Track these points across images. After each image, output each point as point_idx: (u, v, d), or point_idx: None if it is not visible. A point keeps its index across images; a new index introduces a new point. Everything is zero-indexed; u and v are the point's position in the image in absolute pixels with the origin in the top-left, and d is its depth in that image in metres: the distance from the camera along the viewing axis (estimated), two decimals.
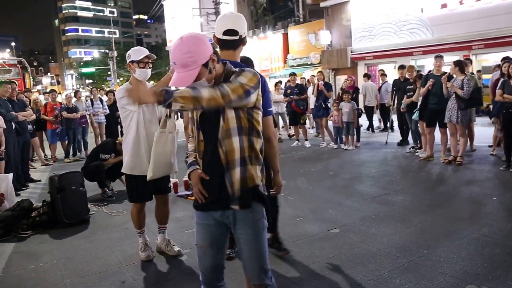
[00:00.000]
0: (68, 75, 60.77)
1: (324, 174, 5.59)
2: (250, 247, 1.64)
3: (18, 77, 14.00)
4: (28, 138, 6.22)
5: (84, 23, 69.91)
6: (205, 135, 1.62)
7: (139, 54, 2.78)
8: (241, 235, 1.64)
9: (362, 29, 15.52)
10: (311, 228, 3.48)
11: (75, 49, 68.78)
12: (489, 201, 3.99)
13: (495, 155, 5.92)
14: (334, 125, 7.64)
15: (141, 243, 3.07)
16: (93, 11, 71.28)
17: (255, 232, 1.64)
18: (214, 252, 1.70)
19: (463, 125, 5.46)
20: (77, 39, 69.66)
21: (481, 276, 2.48)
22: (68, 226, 3.83)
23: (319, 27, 17.64)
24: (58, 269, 2.94)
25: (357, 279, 2.55)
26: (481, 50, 11.83)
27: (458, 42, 12.08)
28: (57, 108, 7.90)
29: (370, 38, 15.29)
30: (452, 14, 12.58)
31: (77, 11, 70.13)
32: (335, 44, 16.87)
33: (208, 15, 24.79)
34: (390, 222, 3.52)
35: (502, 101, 5.14)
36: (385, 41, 14.68)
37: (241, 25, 2.07)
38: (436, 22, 13.07)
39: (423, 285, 2.44)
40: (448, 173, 5.32)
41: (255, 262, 1.66)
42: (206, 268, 1.72)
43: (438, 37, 12.89)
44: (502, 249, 2.86)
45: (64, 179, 3.96)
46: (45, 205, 3.96)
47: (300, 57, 18.89)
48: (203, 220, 1.69)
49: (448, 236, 3.13)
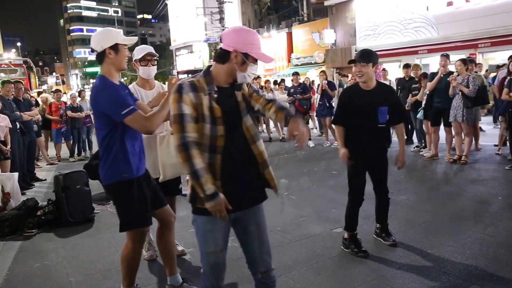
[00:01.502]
0: (73, 74, 61.11)
1: (327, 174, 5.58)
2: (262, 236, 1.75)
3: (23, 77, 14.11)
4: (34, 138, 6.28)
5: (89, 22, 70.12)
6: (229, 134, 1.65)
7: (141, 52, 2.76)
8: (252, 226, 1.73)
9: (366, 28, 15.45)
10: (314, 228, 3.48)
11: (80, 48, 69.08)
12: (494, 201, 3.96)
13: (501, 154, 5.86)
14: None
15: (145, 243, 3.05)
16: (97, 10, 71.66)
17: (263, 221, 1.77)
18: (225, 254, 1.75)
19: (468, 123, 5.41)
20: (81, 38, 69.95)
21: (485, 277, 2.47)
22: (73, 225, 3.87)
23: (323, 26, 17.60)
24: (63, 267, 2.98)
25: (360, 279, 2.54)
26: (488, 48, 11.75)
27: (464, 41, 12.00)
28: (62, 108, 7.97)
29: (375, 36, 15.22)
30: (458, 12, 12.48)
31: (81, 11, 70.62)
32: (339, 43, 16.82)
33: (212, 15, 24.81)
34: (394, 221, 3.49)
35: (508, 100, 5.10)
36: (390, 39, 14.60)
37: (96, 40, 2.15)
38: (441, 21, 12.97)
39: (426, 285, 2.43)
40: (453, 172, 5.28)
41: (265, 249, 1.77)
42: (220, 274, 1.75)
43: (444, 35, 12.79)
44: (506, 250, 2.83)
45: (69, 178, 4.00)
46: (51, 204, 3.99)
47: (304, 56, 18.86)
48: (213, 225, 1.67)
49: (452, 236, 3.11)
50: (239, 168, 1.67)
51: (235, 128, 1.68)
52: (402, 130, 2.99)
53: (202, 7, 26.05)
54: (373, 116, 2.74)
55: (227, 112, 1.64)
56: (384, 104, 2.75)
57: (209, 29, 26.05)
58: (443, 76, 5.60)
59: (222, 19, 24.18)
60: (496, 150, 6.08)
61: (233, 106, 1.68)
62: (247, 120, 1.70)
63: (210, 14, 24.98)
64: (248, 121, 1.70)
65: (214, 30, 25.10)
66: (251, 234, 1.74)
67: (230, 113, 1.66)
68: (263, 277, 1.78)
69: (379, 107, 2.73)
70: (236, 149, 1.67)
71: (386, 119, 2.77)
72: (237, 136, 1.68)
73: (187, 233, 3.54)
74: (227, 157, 1.64)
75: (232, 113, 1.67)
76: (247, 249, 1.78)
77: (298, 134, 1.60)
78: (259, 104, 1.73)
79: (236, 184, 1.66)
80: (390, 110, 2.77)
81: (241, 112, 1.69)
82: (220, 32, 24.20)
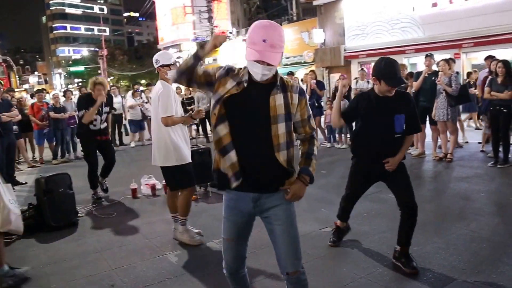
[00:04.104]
0: (56, 74, 59.36)
1: (316, 173, 5.42)
2: (287, 233, 1.73)
3: (3, 76, 13.69)
4: (13, 140, 6.02)
5: (73, 20, 68.31)
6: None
7: (168, 57, 3.22)
8: (278, 221, 1.72)
9: (355, 28, 15.56)
10: (304, 227, 3.46)
11: (64, 47, 67.17)
12: (478, 197, 4.05)
13: (485, 151, 5.99)
14: (327, 124, 7.65)
15: (191, 229, 3.28)
16: (82, 8, 69.43)
17: (291, 216, 1.75)
18: (239, 245, 1.82)
19: (453, 122, 5.51)
20: (65, 37, 68.11)
21: (467, 271, 2.53)
22: (55, 230, 3.75)
23: (312, 26, 17.65)
24: (45, 274, 2.89)
25: (349, 277, 2.55)
26: (471, 48, 11.96)
27: (449, 41, 12.19)
28: (44, 109, 7.73)
29: (363, 36, 15.35)
30: (443, 13, 12.69)
31: (65, 8, 68.32)
32: (328, 42, 16.90)
33: (200, 13, 24.61)
34: (382, 220, 3.53)
35: (489, 98, 5.21)
36: (377, 39, 14.74)
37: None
38: (427, 21, 13.16)
39: (412, 281, 2.46)
40: (439, 170, 5.37)
41: (291, 249, 1.73)
42: (230, 259, 1.84)
43: (430, 35, 12.98)
44: (488, 244, 2.91)
45: (51, 181, 3.88)
46: (31, 208, 3.86)
47: (294, 55, 18.89)
48: (231, 215, 1.78)
49: (437, 232, 3.16)
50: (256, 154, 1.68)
51: (254, 127, 1.66)
52: (410, 141, 2.75)
53: (191, 6, 25.82)
54: (389, 124, 2.56)
55: (244, 109, 1.65)
56: (401, 112, 2.56)
57: (198, 28, 25.85)
58: (427, 75, 5.70)
59: (210, 18, 24.02)
60: (480, 148, 6.21)
61: (259, 106, 1.65)
62: (280, 128, 1.65)
63: (199, 13, 24.78)
64: (280, 129, 1.65)
65: (203, 29, 24.92)
66: (274, 230, 1.74)
67: (250, 112, 1.65)
68: (290, 279, 1.76)
69: (395, 114, 2.55)
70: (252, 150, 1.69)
71: (403, 128, 2.58)
72: (254, 138, 1.66)
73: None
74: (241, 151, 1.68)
75: (252, 112, 1.66)
76: (274, 247, 1.78)
77: (294, 193, 1.70)
78: (299, 132, 1.80)
79: (254, 170, 1.68)
80: (407, 119, 2.57)
81: (271, 117, 1.64)
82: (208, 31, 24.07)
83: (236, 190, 1.71)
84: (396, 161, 2.60)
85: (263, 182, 1.69)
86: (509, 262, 2.61)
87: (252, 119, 1.65)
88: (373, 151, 2.63)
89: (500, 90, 5.00)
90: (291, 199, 1.72)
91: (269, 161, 1.66)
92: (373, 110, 2.59)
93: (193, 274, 2.74)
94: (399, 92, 2.63)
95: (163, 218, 3.94)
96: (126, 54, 46.31)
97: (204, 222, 3.70)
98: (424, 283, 2.43)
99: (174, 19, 28.65)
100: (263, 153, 1.66)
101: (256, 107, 1.65)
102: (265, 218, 1.77)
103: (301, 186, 1.73)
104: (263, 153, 1.66)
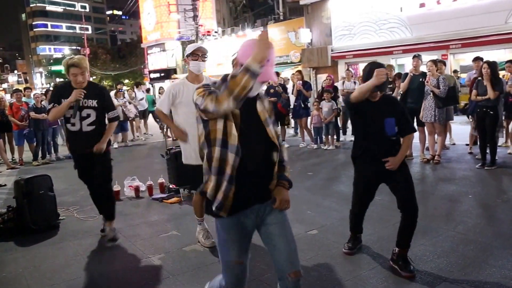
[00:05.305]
0: (37, 73, 57.64)
1: (303, 175, 5.54)
2: (285, 233, 1.73)
3: None
4: None
5: (54, 18, 65.92)
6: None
7: (190, 48, 3.02)
8: (274, 224, 1.72)
9: (342, 28, 15.58)
10: None
11: (44, 45, 64.73)
12: (465, 199, 4.08)
13: (472, 153, 6.03)
14: (314, 125, 7.64)
15: (203, 231, 3.14)
16: (63, 5, 67.14)
17: (285, 217, 1.76)
18: (246, 264, 1.76)
19: (440, 123, 5.54)
20: (46, 35, 65.61)
21: (454, 273, 2.54)
22: (35, 233, 3.62)
23: (299, 25, 17.65)
24: (24, 279, 2.78)
25: (335, 280, 2.54)
26: (458, 49, 12.00)
27: (436, 42, 12.24)
28: (23, 109, 7.47)
29: (350, 36, 15.39)
30: (430, 13, 12.74)
31: (45, 5, 65.87)
32: (315, 42, 16.93)
33: (185, 12, 24.32)
34: (368, 222, 3.50)
35: (476, 100, 5.27)
36: (365, 40, 14.77)
37: None
38: (415, 22, 13.20)
39: (399, 284, 2.46)
40: (426, 172, 5.41)
41: (293, 247, 1.72)
42: (237, 281, 1.75)
43: (417, 36, 13.03)
44: (475, 246, 2.93)
45: (31, 183, 3.73)
46: (10, 211, 3.72)
47: (280, 55, 18.88)
48: (235, 233, 1.70)
49: (424, 234, 3.17)
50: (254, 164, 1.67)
51: (251, 132, 1.67)
52: (409, 141, 2.75)
53: (175, 4, 25.49)
54: (381, 128, 2.59)
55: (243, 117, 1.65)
56: (390, 115, 2.60)
57: (182, 26, 25.54)
58: (413, 75, 5.71)
59: (195, 17, 23.78)
60: (468, 150, 6.25)
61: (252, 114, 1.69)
62: (272, 130, 1.72)
63: (184, 12, 24.48)
64: (273, 131, 1.73)
65: (188, 28, 24.64)
66: (272, 233, 1.72)
67: (247, 119, 1.66)
68: (290, 282, 1.69)
69: (385, 118, 2.59)
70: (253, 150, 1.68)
71: (395, 131, 2.61)
72: (254, 142, 1.68)
73: (158, 239, 3.42)
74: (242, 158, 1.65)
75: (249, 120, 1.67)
76: (273, 251, 1.74)
77: (281, 198, 1.70)
78: None
79: (250, 182, 1.67)
80: (397, 121, 2.61)
81: (262, 121, 1.70)
82: (193, 30, 23.81)
83: (241, 210, 1.69)
84: (397, 161, 2.59)
85: (266, 189, 1.72)
86: (496, 264, 2.63)
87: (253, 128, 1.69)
88: (371, 155, 2.65)
89: (485, 92, 5.05)
90: (280, 206, 1.71)
91: (269, 165, 1.71)
92: (364, 115, 2.63)
93: (177, 277, 2.69)
94: (385, 96, 2.69)
95: (146, 221, 3.85)
96: (109, 53, 45.21)
97: (187, 225, 3.62)
98: (411, 285, 2.43)
99: (159, 17, 28.27)
100: (264, 157, 1.70)
101: (253, 118, 1.70)
102: (263, 225, 1.75)
103: (284, 190, 1.76)
104: (264, 157, 1.70)
